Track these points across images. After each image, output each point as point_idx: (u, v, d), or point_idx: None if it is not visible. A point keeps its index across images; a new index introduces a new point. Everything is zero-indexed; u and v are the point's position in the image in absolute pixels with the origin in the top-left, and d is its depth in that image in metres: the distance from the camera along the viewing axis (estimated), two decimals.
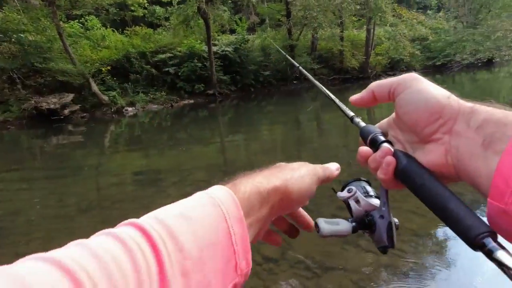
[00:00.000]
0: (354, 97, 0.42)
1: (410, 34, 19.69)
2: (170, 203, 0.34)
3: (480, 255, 0.28)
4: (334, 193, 0.49)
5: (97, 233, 0.29)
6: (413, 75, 0.37)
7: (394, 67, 21.41)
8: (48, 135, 9.73)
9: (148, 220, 0.31)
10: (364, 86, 0.43)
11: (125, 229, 0.29)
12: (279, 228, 0.48)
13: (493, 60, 20.06)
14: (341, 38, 18.36)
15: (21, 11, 12.22)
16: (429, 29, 21.58)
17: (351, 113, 0.48)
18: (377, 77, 20.37)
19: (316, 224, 0.42)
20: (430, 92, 0.35)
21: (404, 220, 2.67)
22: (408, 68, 22.04)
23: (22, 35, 11.78)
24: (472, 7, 22.93)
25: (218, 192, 0.35)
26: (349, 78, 19.05)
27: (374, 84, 0.40)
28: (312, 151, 5.46)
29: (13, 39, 11.89)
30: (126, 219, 0.32)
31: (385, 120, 0.43)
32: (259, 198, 0.37)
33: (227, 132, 8.69)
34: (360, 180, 0.48)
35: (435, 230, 2.62)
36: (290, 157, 5.20)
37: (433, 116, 0.34)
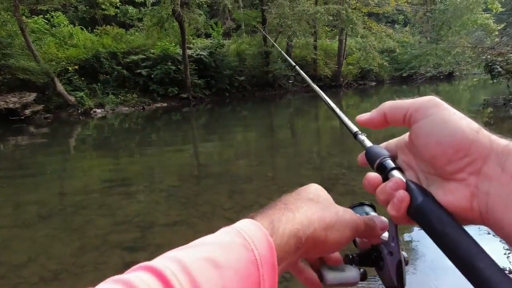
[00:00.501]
0: (362, 117, 0.37)
1: (379, 46, 20.69)
2: (138, 209, 0.29)
3: None
4: None
5: (104, 281, 0.24)
6: (434, 100, 0.32)
7: (365, 77, 22.34)
8: (6, 136, 9.06)
9: (167, 263, 0.25)
10: (336, 93, 0.41)
11: (138, 275, 0.25)
12: None
13: (454, 74, 21.54)
14: (315, 47, 18.89)
15: None
16: (397, 42, 22.83)
17: (355, 129, 0.43)
18: (348, 85, 21.18)
19: (319, 272, 0.37)
20: (455, 123, 0.29)
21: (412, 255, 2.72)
22: (377, 78, 23.12)
23: None
24: (435, 24, 24.58)
25: (252, 232, 0.30)
26: (322, 86, 19.58)
27: (387, 105, 0.35)
28: (285, 156, 5.52)
29: None
30: (91, 226, 0.28)
31: (394, 140, 0.38)
32: (296, 243, 0.32)
33: (201, 136, 8.57)
34: (363, 204, 0.42)
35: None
36: (263, 162, 5.23)
37: (458, 153, 0.29)
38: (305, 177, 3.90)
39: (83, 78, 12.84)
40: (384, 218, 0.39)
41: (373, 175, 0.35)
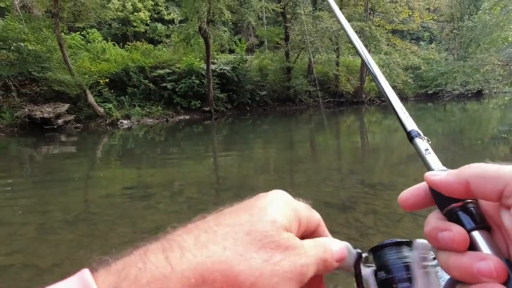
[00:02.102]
0: (431, 177, 0.27)
1: (404, 62, 20.38)
2: (158, 219, 0.26)
3: None
4: (324, 214, 0.33)
5: None
6: None
7: None
8: (39, 144, 9.60)
9: None
10: (358, 110, 0.33)
11: None
12: None
13: (483, 92, 20.76)
14: (337, 63, 18.89)
15: (23, 20, 12.37)
16: (422, 59, 22.40)
17: (412, 126, 0.33)
18: (371, 102, 20.88)
19: None
20: None
21: None
22: (401, 95, 22.65)
23: (22, 44, 11.86)
24: (463, 41, 23.97)
25: None
26: (344, 102, 19.45)
27: (473, 171, 0.25)
28: (305, 172, 5.47)
29: (12, 48, 11.95)
30: (113, 234, 0.28)
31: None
32: None
33: (221, 149, 8.68)
34: (400, 244, 0.29)
35: None
36: (282, 178, 5.20)
37: None
38: (325, 194, 3.84)
39: (112, 91, 13.49)
40: (341, 246, 0.28)
41: (458, 232, 0.24)
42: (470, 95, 20.67)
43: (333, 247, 0.27)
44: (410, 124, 0.33)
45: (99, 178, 6.02)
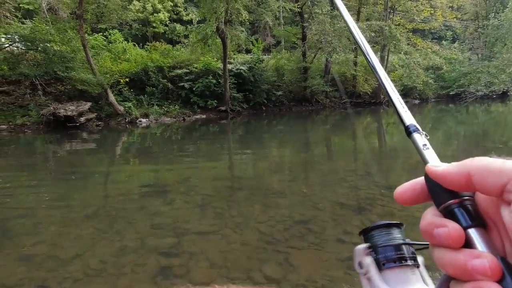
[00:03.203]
0: (432, 168, 0.27)
1: (424, 62, 19.83)
2: (175, 216, 0.25)
3: None
4: (339, 215, 0.34)
5: None
6: None
7: (407, 94, 21.42)
8: (63, 140, 9.99)
9: None
10: (376, 111, 0.32)
11: None
12: None
13: (508, 93, 19.86)
14: (355, 63, 18.60)
15: (49, 22, 12.90)
16: (444, 59, 21.70)
17: (410, 121, 0.33)
18: (389, 103, 20.33)
19: None
20: None
21: None
22: (421, 96, 22.04)
23: (48, 44, 12.37)
24: (487, 40, 23.04)
25: None
26: (361, 103, 19.12)
27: (476, 164, 0.24)
28: (320, 173, 5.43)
29: (39, 48, 12.49)
30: (131, 228, 0.27)
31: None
32: None
33: (236, 148, 8.74)
34: (389, 226, 0.31)
35: None
36: (297, 178, 5.19)
37: None
38: (341, 195, 3.80)
39: (132, 90, 13.85)
40: None
41: (453, 229, 0.24)
42: (494, 96, 19.87)
43: None
44: (409, 118, 0.33)
45: (118, 174, 6.20)
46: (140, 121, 13.17)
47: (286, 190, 4.48)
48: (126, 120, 12.89)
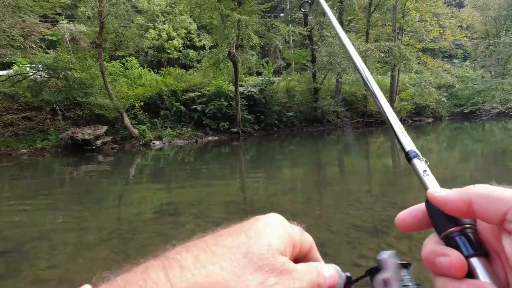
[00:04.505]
0: (433, 193, 0.26)
1: (436, 81, 19.72)
2: (189, 238, 0.28)
3: None
4: (355, 238, 0.31)
5: None
6: None
7: (420, 113, 21.21)
8: (79, 163, 10.26)
9: None
10: (388, 130, 0.33)
11: None
12: None
13: None
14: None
15: (71, 51, 13.65)
16: (456, 77, 21.56)
17: (410, 147, 0.32)
18: (402, 122, 20.11)
19: None
20: None
21: None
22: (435, 114, 21.74)
23: (69, 72, 13.04)
24: (500, 58, 22.83)
25: None
26: (373, 122, 19.00)
27: (478, 191, 0.24)
28: (333, 194, 5.35)
29: (61, 76, 13.16)
30: (144, 252, 0.28)
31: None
32: None
33: (248, 170, 8.75)
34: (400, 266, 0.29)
35: None
36: (310, 199, 5.12)
37: None
38: (355, 217, 3.71)
39: (146, 113, 14.27)
40: (332, 272, 0.28)
41: (456, 259, 0.23)
42: (511, 113, 19.40)
43: (325, 272, 0.28)
44: (409, 144, 0.33)
45: (131, 196, 6.28)
46: (154, 143, 13.44)
47: (299, 212, 4.42)
48: (140, 143, 13.19)
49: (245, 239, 0.25)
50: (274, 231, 0.26)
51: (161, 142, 13.67)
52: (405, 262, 0.29)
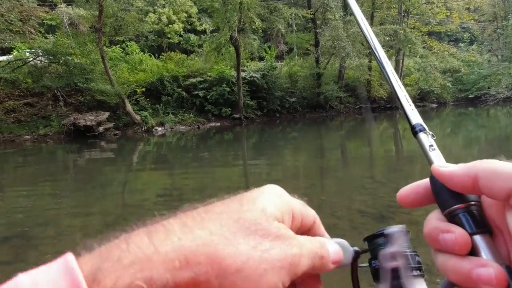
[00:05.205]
0: (438, 168, 0.26)
1: (441, 65, 19.37)
2: None
3: None
4: (360, 223, 0.32)
5: None
6: None
7: (424, 98, 20.95)
8: (82, 150, 10.28)
9: None
10: (392, 116, 0.30)
11: None
12: None
13: None
14: (369, 68, 18.39)
15: (70, 36, 13.44)
16: (462, 61, 21.16)
17: (417, 120, 0.32)
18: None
19: None
20: None
21: None
22: (439, 100, 21.49)
23: (69, 57, 12.88)
24: (507, 41, 22.30)
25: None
26: (376, 108, 18.82)
27: (484, 167, 0.23)
28: (337, 180, 5.34)
29: (61, 61, 13.01)
30: None
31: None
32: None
33: (251, 156, 8.74)
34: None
35: None
36: (314, 185, 5.11)
37: None
38: (360, 203, 3.71)
39: (148, 99, 14.18)
40: (338, 245, 0.27)
41: (461, 236, 0.23)
42: None
43: (329, 247, 0.26)
44: (415, 117, 0.32)
45: (135, 182, 6.31)
46: (156, 129, 13.42)
47: (303, 197, 4.42)
48: (143, 129, 13.17)
49: (237, 206, 0.23)
50: (269, 198, 0.25)
51: (163, 128, 13.64)
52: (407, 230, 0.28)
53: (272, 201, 0.24)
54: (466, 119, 15.30)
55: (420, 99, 20.80)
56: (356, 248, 0.29)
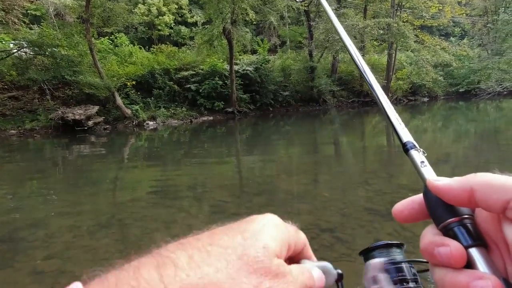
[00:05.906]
0: (433, 182, 0.26)
1: (433, 60, 19.48)
2: (191, 224, 0.21)
3: None
4: (368, 221, 0.31)
5: None
6: None
7: (416, 92, 21.11)
8: (71, 145, 9.94)
9: None
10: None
11: None
12: None
13: None
14: None
15: (57, 27, 12.90)
16: (453, 55, 21.34)
17: (408, 138, 0.32)
18: (398, 101, 20.11)
19: None
20: None
21: None
22: (430, 94, 21.68)
23: (56, 49, 12.38)
24: (498, 36, 22.56)
25: None
26: (369, 102, 18.85)
27: (479, 180, 0.23)
28: (338, 175, 5.25)
29: (47, 53, 12.50)
30: (147, 239, 0.23)
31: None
32: None
33: (245, 150, 8.60)
34: (389, 246, 0.30)
35: None
36: (315, 181, 5.01)
37: None
38: (365, 199, 3.61)
39: (139, 93, 13.81)
40: (321, 271, 0.28)
41: (457, 252, 0.23)
42: (505, 93, 19.44)
43: (314, 273, 0.27)
44: (406, 135, 0.32)
45: (128, 179, 6.09)
46: (148, 123, 13.11)
47: (306, 194, 4.31)
48: (134, 123, 12.84)
49: (241, 240, 0.24)
50: (270, 233, 0.26)
51: (155, 122, 13.34)
52: (398, 242, 0.30)
53: (272, 235, 0.25)
54: (457, 113, 15.46)
55: (411, 93, 20.95)
56: (339, 271, 0.29)
